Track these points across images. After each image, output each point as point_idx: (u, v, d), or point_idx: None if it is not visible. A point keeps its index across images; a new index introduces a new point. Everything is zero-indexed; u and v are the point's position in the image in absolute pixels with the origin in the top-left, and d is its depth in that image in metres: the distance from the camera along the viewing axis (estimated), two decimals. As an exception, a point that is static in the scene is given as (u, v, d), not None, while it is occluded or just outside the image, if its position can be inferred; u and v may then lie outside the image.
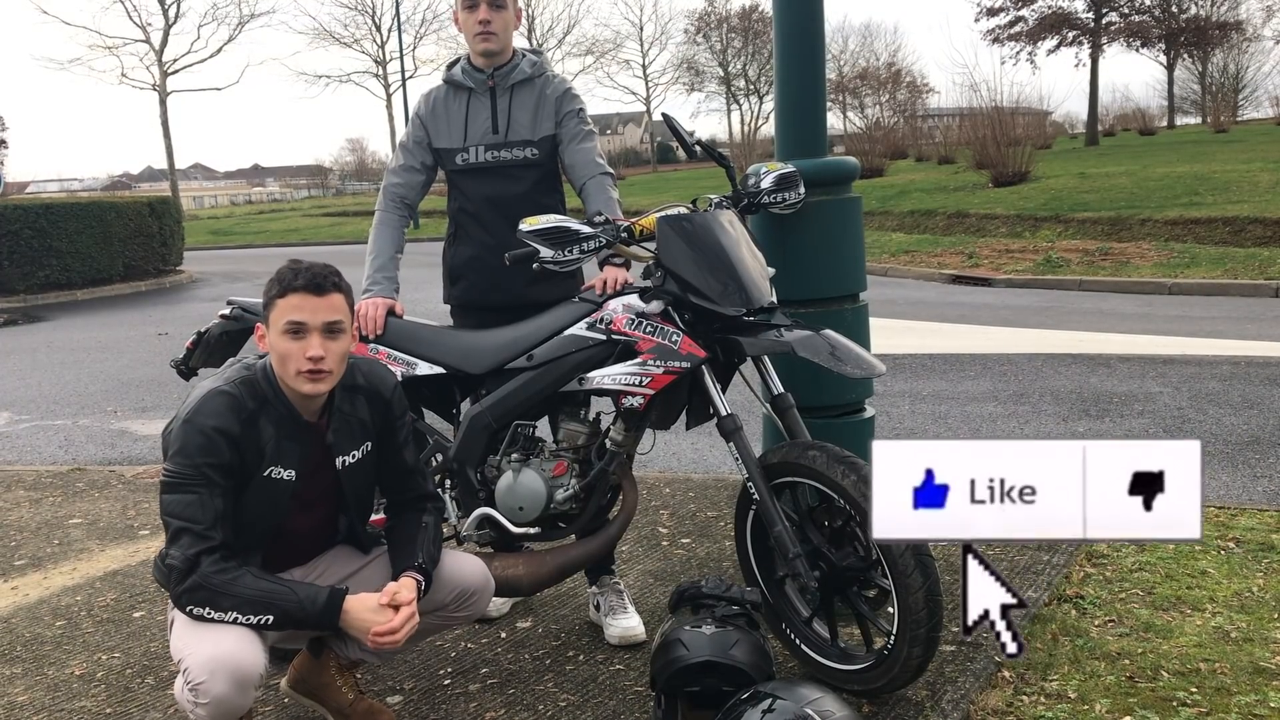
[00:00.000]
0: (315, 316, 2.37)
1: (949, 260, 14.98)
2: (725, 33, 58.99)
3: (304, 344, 2.37)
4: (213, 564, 2.28)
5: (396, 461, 2.65)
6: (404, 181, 3.40)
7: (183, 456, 2.32)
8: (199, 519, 2.29)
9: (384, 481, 2.69)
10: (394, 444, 2.63)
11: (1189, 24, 43.50)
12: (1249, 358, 7.60)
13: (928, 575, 2.57)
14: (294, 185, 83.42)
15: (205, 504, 2.30)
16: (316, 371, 2.38)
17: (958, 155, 25.85)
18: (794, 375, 3.19)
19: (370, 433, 2.58)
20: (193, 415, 2.34)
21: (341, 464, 2.53)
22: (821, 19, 3.46)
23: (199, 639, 2.28)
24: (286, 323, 2.37)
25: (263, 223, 41.04)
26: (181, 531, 2.29)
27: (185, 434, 2.33)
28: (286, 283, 2.39)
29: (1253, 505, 4.36)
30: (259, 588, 2.31)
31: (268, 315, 2.42)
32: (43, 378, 9.62)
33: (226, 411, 2.35)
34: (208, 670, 2.23)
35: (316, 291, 2.38)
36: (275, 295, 2.40)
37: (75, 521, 4.99)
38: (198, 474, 2.30)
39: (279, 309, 2.39)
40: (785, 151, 3.48)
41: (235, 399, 2.37)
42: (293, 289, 2.38)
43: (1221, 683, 2.82)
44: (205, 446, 2.31)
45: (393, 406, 2.61)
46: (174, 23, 39.78)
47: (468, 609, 2.69)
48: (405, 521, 2.65)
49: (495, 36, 3.26)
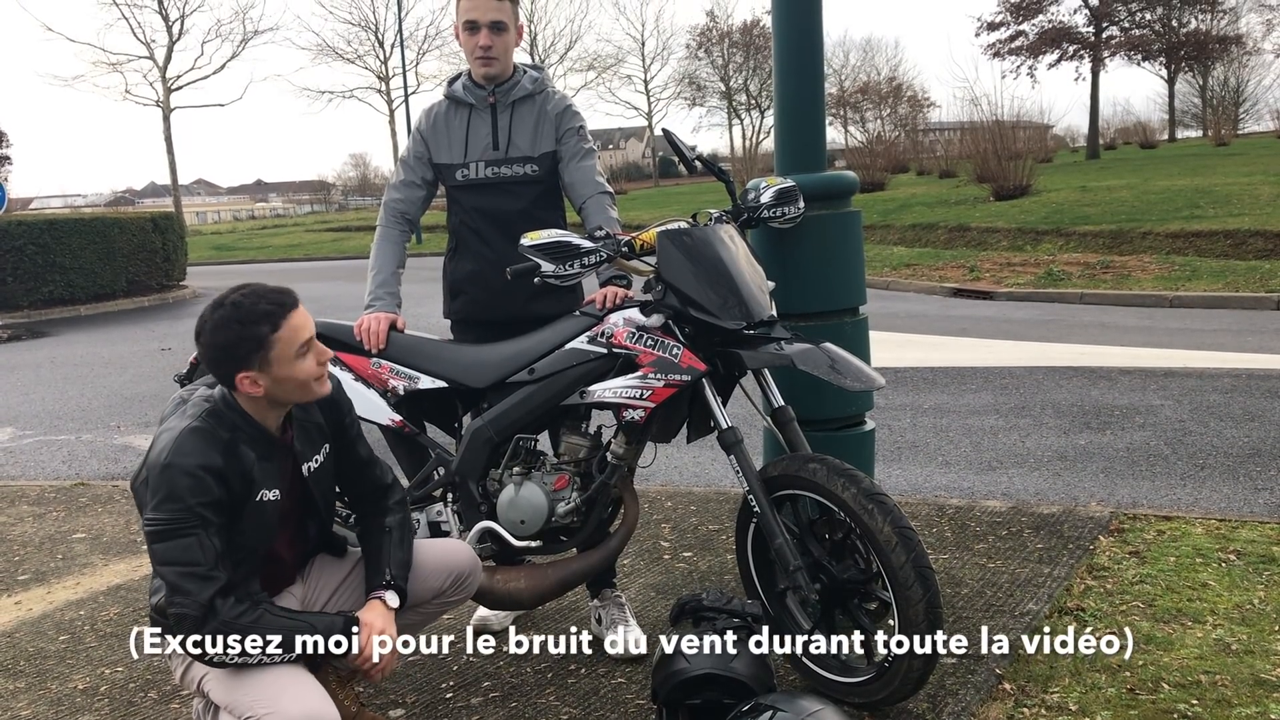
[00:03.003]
0: (311, 328, 2.36)
1: (950, 274, 14.99)
2: (727, 48, 59.22)
3: (315, 354, 2.35)
4: (230, 607, 2.22)
5: (352, 457, 2.65)
6: (405, 197, 3.42)
7: (171, 502, 2.21)
8: (200, 561, 2.21)
9: (343, 480, 2.67)
10: (347, 440, 2.63)
11: (1189, 38, 43.65)
12: (1250, 370, 7.60)
13: (928, 587, 2.58)
14: (297, 200, 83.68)
15: (204, 545, 2.22)
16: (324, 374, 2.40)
17: (959, 169, 25.90)
18: (794, 388, 3.20)
19: (326, 434, 2.57)
20: (172, 458, 2.23)
21: (307, 470, 2.51)
22: (821, 34, 3.49)
23: (270, 693, 2.23)
24: (301, 345, 2.32)
25: (265, 238, 41.14)
26: (185, 578, 2.20)
27: (170, 478, 2.22)
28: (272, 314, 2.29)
29: (1254, 517, 4.36)
30: (282, 626, 2.28)
31: (267, 355, 2.28)
32: (46, 393, 9.64)
33: (206, 447, 2.26)
34: None
35: (296, 304, 2.34)
36: (269, 331, 2.28)
37: (79, 536, 5.00)
38: (191, 516, 2.21)
39: (284, 340, 2.29)
40: (785, 166, 3.50)
41: (208, 432, 2.29)
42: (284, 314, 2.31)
43: (1222, 695, 2.82)
44: (194, 487, 2.22)
45: (340, 404, 2.60)
46: (178, 39, 39.79)
47: (464, 590, 2.74)
48: (370, 531, 2.65)
49: (496, 60, 3.28)
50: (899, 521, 2.60)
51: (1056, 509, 4.54)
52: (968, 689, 2.91)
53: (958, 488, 5.14)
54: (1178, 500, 4.78)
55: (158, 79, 39.82)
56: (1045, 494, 4.97)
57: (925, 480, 5.30)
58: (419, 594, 2.63)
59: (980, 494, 5.01)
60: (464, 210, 3.38)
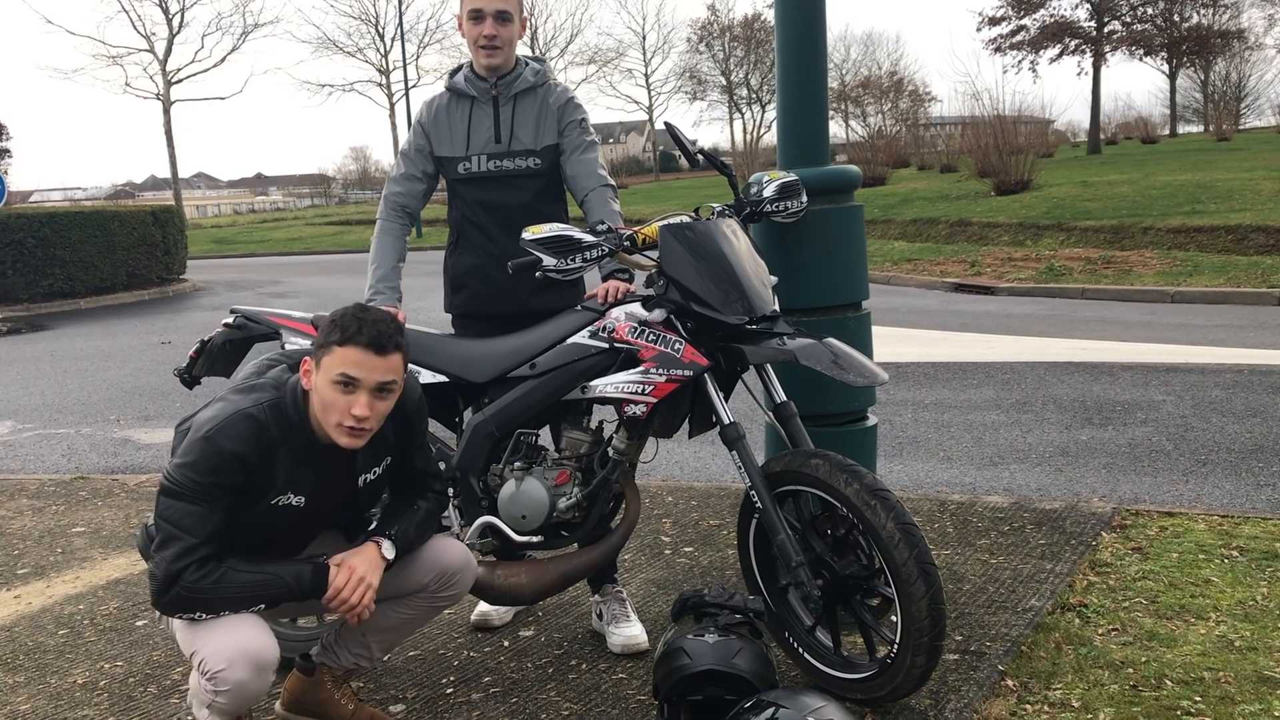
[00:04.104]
0: (371, 375, 2.29)
1: (951, 268, 14.97)
2: (728, 42, 59.18)
3: (351, 399, 2.29)
4: (193, 573, 2.25)
5: (407, 470, 2.65)
6: (405, 190, 3.41)
7: (191, 470, 2.25)
8: (193, 532, 2.25)
9: (394, 484, 2.68)
10: (407, 454, 2.62)
11: (1191, 33, 43.58)
12: (1252, 366, 7.59)
13: (931, 584, 2.57)
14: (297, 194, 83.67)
15: (203, 519, 2.26)
16: (358, 429, 2.32)
17: (960, 164, 25.86)
18: (797, 383, 3.19)
19: (391, 447, 2.55)
20: (214, 433, 2.26)
21: (363, 481, 2.53)
22: (823, 28, 3.47)
23: (210, 630, 2.29)
24: (339, 374, 2.29)
25: (266, 231, 41.11)
26: (171, 539, 2.25)
27: (202, 449, 2.26)
28: (350, 333, 2.28)
29: (1256, 514, 4.35)
30: (244, 581, 2.30)
31: (320, 357, 2.31)
32: (46, 386, 9.63)
33: (249, 437, 2.28)
34: (225, 659, 2.25)
35: (378, 350, 2.29)
36: (335, 342, 2.29)
37: (78, 530, 4.99)
38: (201, 489, 2.25)
39: (336, 357, 2.29)
40: (787, 160, 3.48)
41: (261, 425, 2.30)
42: (354, 341, 2.28)
43: (1225, 691, 2.82)
44: (218, 467, 2.25)
45: (411, 420, 2.57)
46: (178, 32, 39.87)
47: (451, 589, 2.69)
48: (400, 500, 2.66)
49: (500, 50, 3.26)
50: (901, 517, 2.60)
51: (1059, 505, 4.53)
52: (970, 685, 2.91)
53: (960, 483, 5.13)
54: (1180, 496, 4.77)
55: (158, 72, 39.86)
56: (1047, 490, 4.96)
57: (927, 476, 5.30)
58: (404, 583, 2.61)
59: (982, 489, 5.00)
60: (465, 204, 3.37)
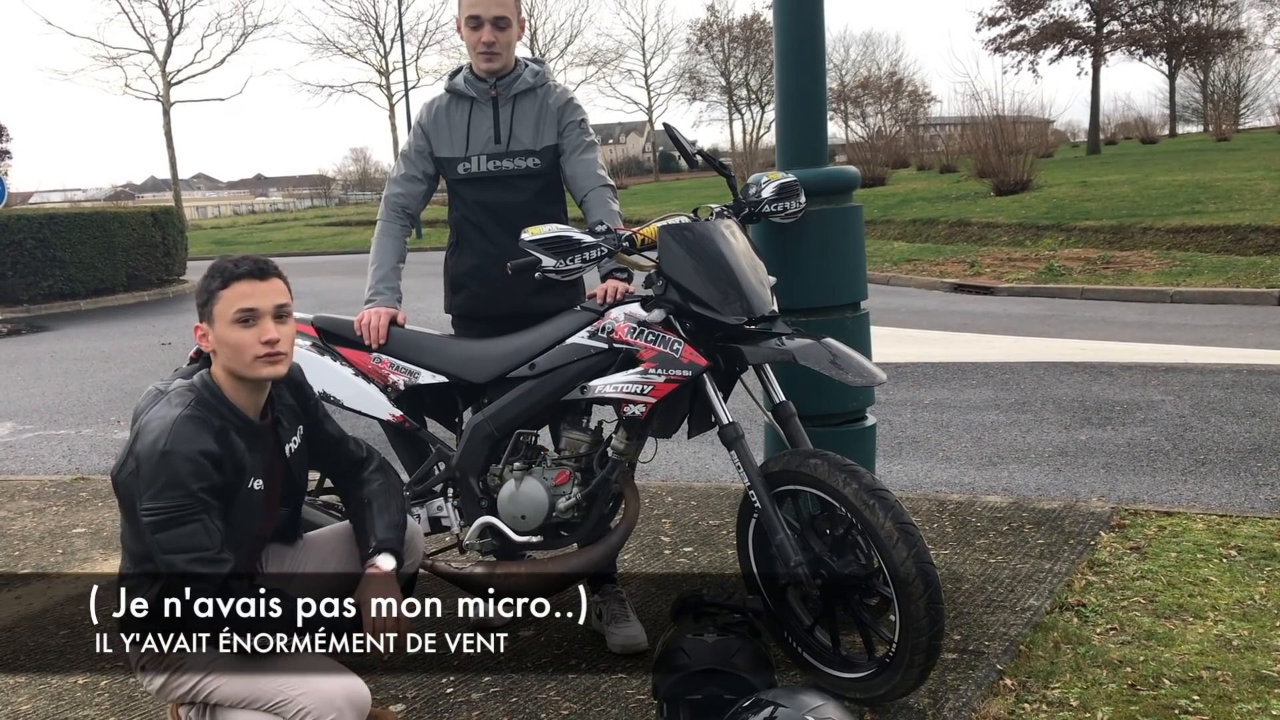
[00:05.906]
0: (265, 301, 2.37)
1: (951, 269, 14.98)
2: (727, 43, 59.13)
3: (258, 330, 2.35)
4: (244, 588, 2.22)
5: (322, 436, 2.65)
6: (405, 191, 3.41)
7: (172, 488, 2.22)
8: (208, 545, 2.22)
9: (318, 460, 2.69)
10: (315, 420, 2.64)
11: (1190, 33, 43.55)
12: (1251, 366, 7.59)
13: (929, 583, 2.57)
14: (297, 195, 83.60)
15: (209, 529, 2.24)
16: (274, 354, 2.37)
17: (959, 164, 25.87)
18: (795, 384, 3.20)
19: (300, 416, 2.59)
20: (171, 445, 2.24)
21: (289, 450, 2.54)
22: (822, 28, 3.48)
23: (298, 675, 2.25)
24: (237, 311, 2.35)
25: (265, 232, 41.11)
26: (195, 563, 2.21)
27: (169, 465, 2.23)
28: (229, 273, 2.37)
29: (1254, 513, 4.36)
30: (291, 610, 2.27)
31: (211, 310, 2.37)
32: (46, 387, 9.64)
33: (202, 434, 2.28)
34: (334, 707, 2.25)
35: (261, 276, 2.38)
36: (218, 287, 2.37)
37: (79, 531, 5.00)
38: (194, 501, 2.23)
39: (225, 300, 2.36)
40: (786, 161, 3.49)
41: (202, 420, 2.31)
42: (236, 277, 2.36)
43: (1223, 691, 2.82)
44: (195, 472, 2.24)
45: (304, 386, 2.62)
46: (178, 33, 39.77)
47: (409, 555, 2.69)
48: (352, 506, 2.66)
49: (499, 56, 3.27)
50: (900, 517, 2.60)
51: (1057, 504, 4.54)
52: (969, 684, 2.91)
53: (958, 483, 5.14)
54: (1179, 496, 4.78)
55: (157, 73, 39.78)
56: (1046, 489, 4.97)
57: (926, 475, 5.30)
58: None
59: (981, 489, 5.01)
60: (465, 204, 3.38)
